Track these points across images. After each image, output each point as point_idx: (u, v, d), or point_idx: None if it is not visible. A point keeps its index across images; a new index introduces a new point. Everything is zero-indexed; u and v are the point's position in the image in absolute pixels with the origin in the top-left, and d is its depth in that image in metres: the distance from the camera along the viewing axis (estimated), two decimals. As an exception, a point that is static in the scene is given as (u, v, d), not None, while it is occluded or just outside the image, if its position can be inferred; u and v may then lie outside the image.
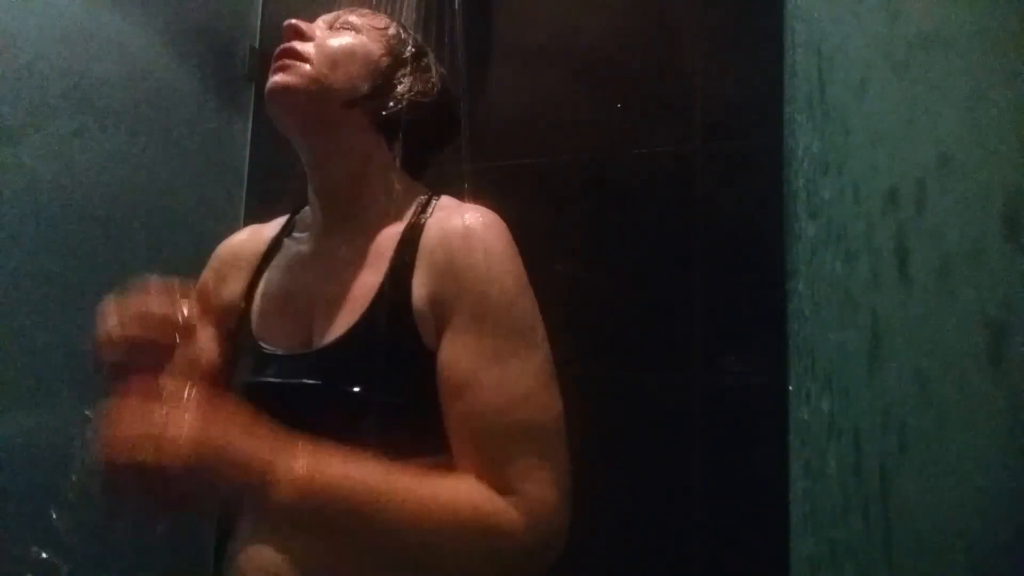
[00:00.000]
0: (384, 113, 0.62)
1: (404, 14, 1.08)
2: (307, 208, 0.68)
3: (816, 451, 0.49)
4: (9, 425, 0.88)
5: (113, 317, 0.49)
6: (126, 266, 1.04)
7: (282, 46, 0.63)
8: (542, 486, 0.49)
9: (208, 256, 0.75)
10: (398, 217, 0.61)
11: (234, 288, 0.67)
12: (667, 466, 0.90)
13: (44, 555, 0.67)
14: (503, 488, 0.49)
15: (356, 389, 0.51)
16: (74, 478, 0.49)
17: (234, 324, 0.65)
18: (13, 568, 0.87)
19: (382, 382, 0.52)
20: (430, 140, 0.68)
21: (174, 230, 1.12)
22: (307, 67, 0.61)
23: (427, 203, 0.63)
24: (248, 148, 1.27)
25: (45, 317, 0.92)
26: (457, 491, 0.48)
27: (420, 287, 0.55)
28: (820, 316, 0.48)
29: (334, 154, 0.62)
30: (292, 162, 0.68)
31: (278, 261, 0.67)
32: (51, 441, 0.92)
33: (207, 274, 0.70)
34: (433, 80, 0.66)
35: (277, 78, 0.62)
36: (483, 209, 0.61)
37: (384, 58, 0.64)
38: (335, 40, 0.63)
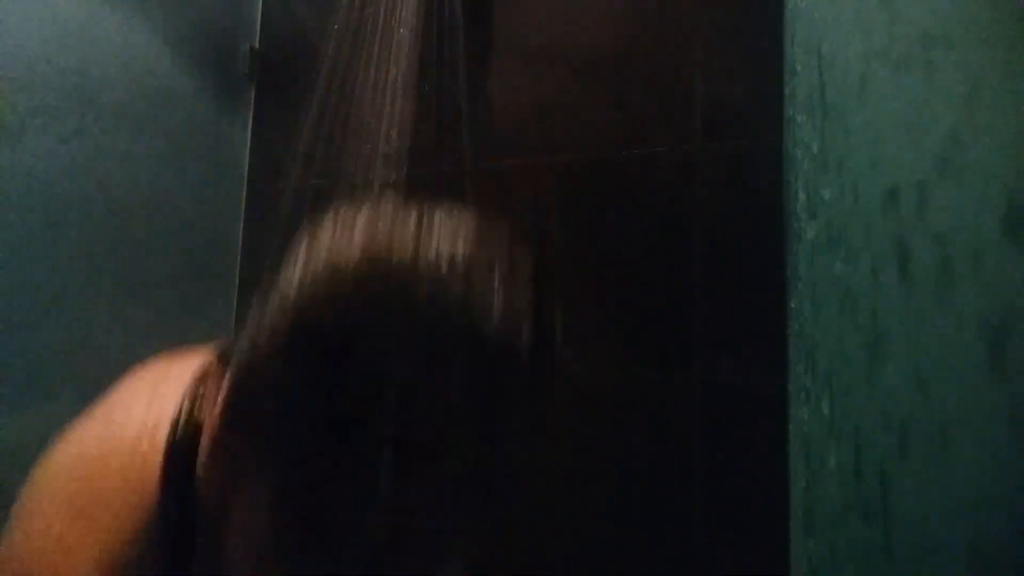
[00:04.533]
0: None
1: (404, 14, 1.08)
2: None
3: (816, 451, 0.49)
4: (9, 425, 0.88)
5: None
6: (126, 266, 1.04)
7: None
8: None
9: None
10: None
11: None
12: (667, 466, 0.89)
13: None
14: None
15: None
16: None
17: None
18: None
19: None
20: None
21: (174, 230, 1.12)
22: None
23: None
24: (248, 148, 1.27)
25: (45, 317, 0.92)
26: None
27: None
28: (820, 316, 0.48)
29: None
30: (292, 162, 0.68)
31: None
32: (51, 441, 0.92)
33: None
34: None
35: None
36: None
37: None
38: None
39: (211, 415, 0.36)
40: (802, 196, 0.60)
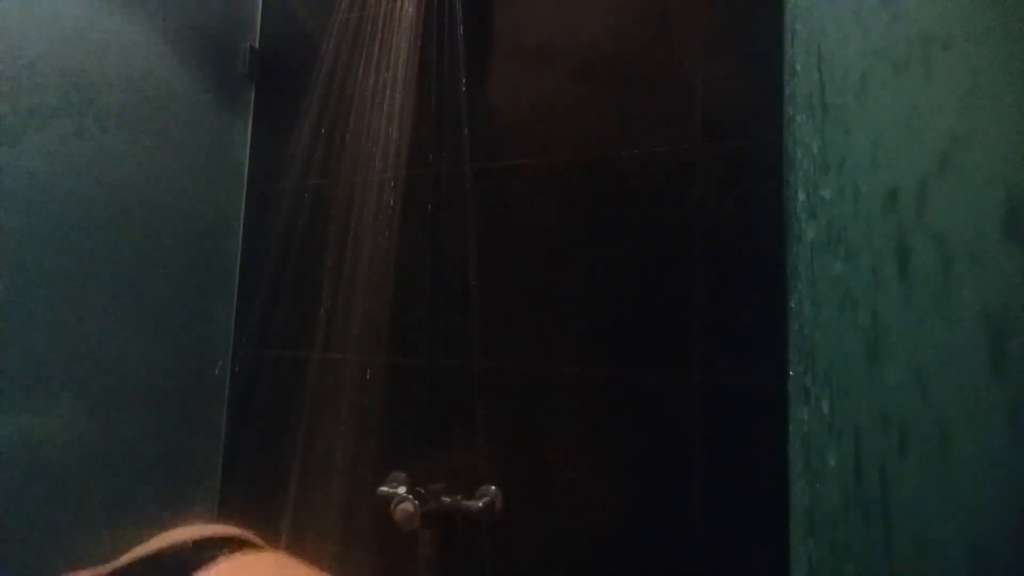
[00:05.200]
0: None
1: (404, 14, 1.08)
2: None
3: (816, 451, 0.49)
4: (9, 425, 0.88)
5: None
6: (126, 266, 1.04)
7: None
8: None
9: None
10: None
11: None
12: (666, 466, 0.90)
13: None
14: None
15: None
16: None
17: None
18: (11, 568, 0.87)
19: None
20: None
21: (174, 230, 1.12)
22: None
23: None
24: (248, 148, 1.27)
25: (45, 317, 0.92)
26: None
27: None
28: (820, 316, 0.48)
29: None
30: (292, 162, 0.68)
31: None
32: (51, 441, 0.92)
33: None
34: None
35: None
36: None
37: None
38: None
39: None
40: (802, 196, 0.60)
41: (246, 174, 1.27)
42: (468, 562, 0.99)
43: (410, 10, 1.07)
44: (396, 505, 0.94)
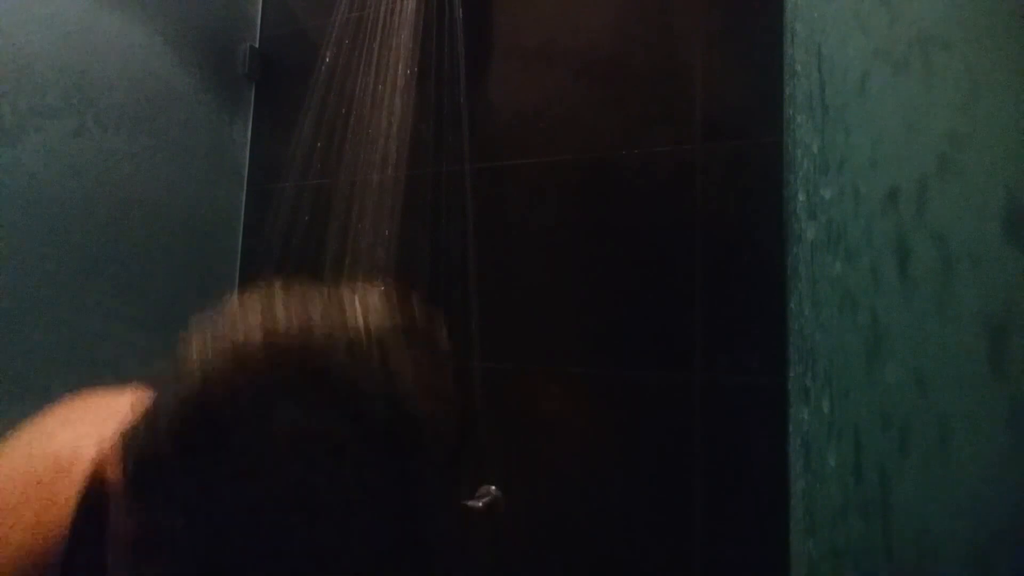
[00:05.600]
0: None
1: (403, 14, 1.08)
2: None
3: (816, 451, 0.49)
4: (9, 425, 0.87)
5: None
6: (126, 266, 1.04)
7: None
8: None
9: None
10: None
11: None
12: (667, 466, 0.90)
13: None
14: None
15: None
16: None
17: None
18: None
19: None
20: None
21: (174, 230, 1.12)
22: None
23: None
24: (248, 148, 1.27)
25: (45, 316, 0.92)
26: None
27: None
28: (820, 316, 0.48)
29: None
30: (292, 162, 0.68)
31: None
32: None
33: None
34: None
35: None
36: None
37: None
38: None
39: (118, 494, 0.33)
40: (802, 196, 0.60)
41: (246, 174, 1.27)
42: (468, 562, 0.99)
43: (410, 10, 1.07)
44: (396, 505, 0.94)
